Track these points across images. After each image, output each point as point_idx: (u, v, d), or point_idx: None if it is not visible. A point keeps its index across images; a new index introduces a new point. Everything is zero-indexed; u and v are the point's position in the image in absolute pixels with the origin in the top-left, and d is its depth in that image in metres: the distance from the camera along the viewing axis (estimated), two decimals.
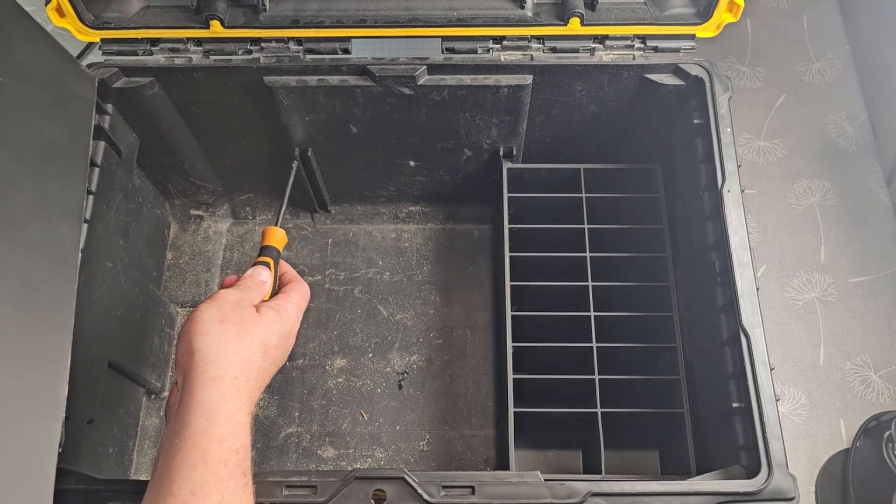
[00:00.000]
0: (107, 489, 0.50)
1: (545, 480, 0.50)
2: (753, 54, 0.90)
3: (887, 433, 0.65)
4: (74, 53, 0.88)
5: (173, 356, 0.72)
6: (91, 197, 0.61)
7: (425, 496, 0.49)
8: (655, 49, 0.63)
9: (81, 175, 0.50)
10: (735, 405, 0.54)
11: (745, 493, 0.49)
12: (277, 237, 0.57)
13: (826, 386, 0.74)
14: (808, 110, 0.87)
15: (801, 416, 0.73)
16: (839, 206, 0.82)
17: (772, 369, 0.52)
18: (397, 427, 0.71)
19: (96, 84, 0.56)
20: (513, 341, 0.65)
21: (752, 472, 0.50)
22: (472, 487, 0.49)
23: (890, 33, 0.83)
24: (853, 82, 0.89)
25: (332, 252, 0.79)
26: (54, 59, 0.52)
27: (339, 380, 0.73)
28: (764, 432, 0.50)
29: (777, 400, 0.52)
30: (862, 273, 0.79)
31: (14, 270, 0.40)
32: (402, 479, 0.49)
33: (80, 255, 0.46)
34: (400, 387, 0.73)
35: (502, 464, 0.65)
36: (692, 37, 0.63)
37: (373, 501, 0.49)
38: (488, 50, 0.63)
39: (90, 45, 0.67)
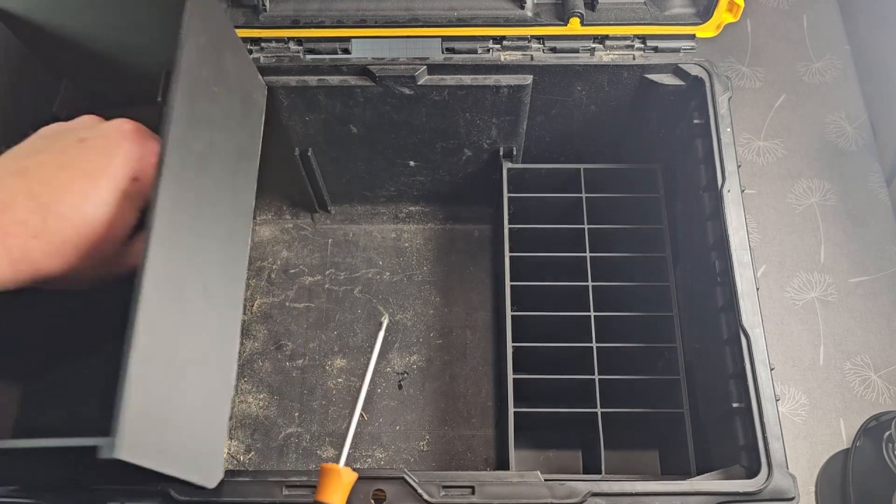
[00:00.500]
0: (105, 489, 0.50)
1: (545, 480, 0.50)
2: (753, 54, 0.90)
3: (887, 433, 0.65)
4: None
5: None
6: None
7: (425, 496, 0.49)
8: (655, 49, 0.63)
9: (254, 178, 0.54)
10: (735, 405, 0.54)
11: (744, 493, 0.49)
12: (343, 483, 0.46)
13: (826, 386, 0.74)
14: (807, 110, 0.87)
15: (801, 417, 0.73)
16: (839, 206, 0.82)
17: (772, 369, 0.53)
18: (397, 427, 0.71)
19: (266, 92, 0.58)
20: (513, 341, 0.65)
21: (752, 473, 0.50)
22: (472, 487, 0.49)
23: (890, 33, 0.83)
24: (853, 82, 0.89)
25: (331, 252, 0.79)
26: (246, 69, 0.55)
27: (339, 380, 0.73)
28: (764, 432, 0.50)
29: (777, 400, 0.52)
30: (862, 273, 0.79)
31: (218, 260, 0.47)
32: (402, 478, 0.49)
33: (248, 250, 0.52)
34: (400, 387, 0.73)
35: (502, 464, 0.65)
36: (692, 37, 0.63)
37: (373, 501, 0.49)
38: (488, 50, 0.63)
39: None
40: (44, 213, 0.41)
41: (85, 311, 0.50)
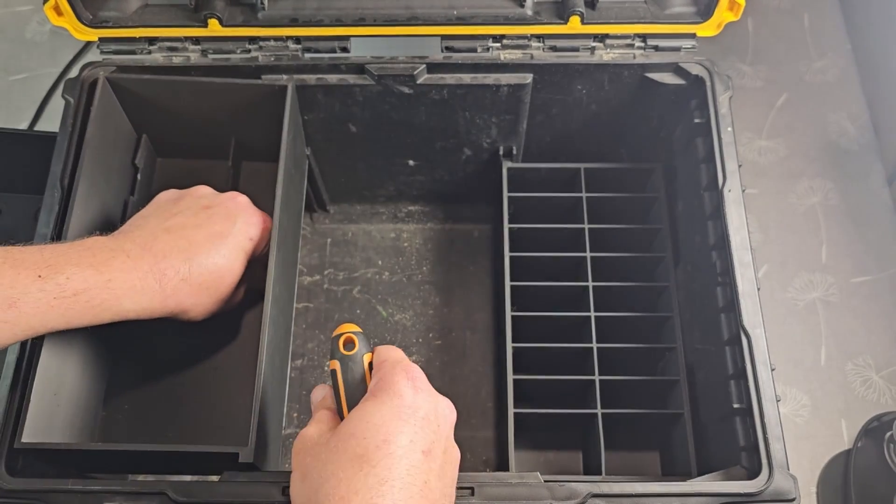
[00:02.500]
0: (104, 489, 0.50)
1: (545, 481, 0.50)
2: (755, 53, 0.90)
3: (889, 434, 0.65)
4: (72, 53, 0.89)
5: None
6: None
7: None
8: (656, 48, 0.63)
9: (299, 220, 0.71)
10: (736, 406, 0.53)
11: (745, 494, 0.48)
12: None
13: (827, 386, 0.74)
14: (809, 109, 0.87)
15: (803, 417, 0.72)
16: (841, 206, 0.82)
17: (772, 370, 0.52)
18: None
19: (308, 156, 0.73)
20: (513, 342, 0.64)
21: (752, 473, 0.50)
22: (472, 488, 0.49)
23: (892, 32, 0.83)
24: (855, 81, 0.88)
25: (330, 252, 0.79)
26: (301, 145, 0.69)
27: None
28: (765, 433, 0.50)
29: (778, 400, 0.51)
30: (864, 273, 0.79)
31: (288, 286, 0.65)
32: None
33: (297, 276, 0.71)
34: None
35: (502, 465, 0.65)
36: (693, 36, 0.63)
37: None
38: (488, 49, 0.63)
39: (88, 44, 0.67)
40: (189, 262, 0.53)
41: (203, 334, 0.61)
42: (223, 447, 0.51)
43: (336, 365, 0.48)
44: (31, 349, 0.53)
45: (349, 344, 0.49)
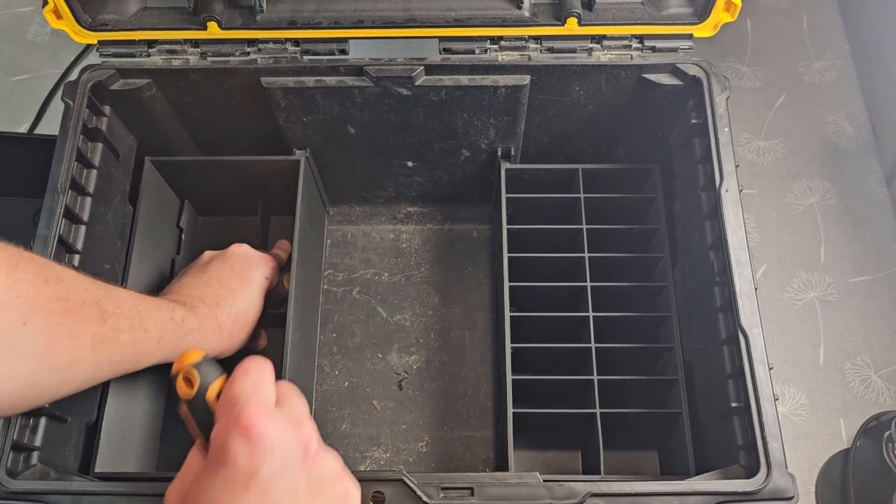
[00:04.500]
0: (106, 491, 0.51)
1: (544, 481, 0.50)
2: (753, 54, 0.90)
3: (887, 433, 0.65)
4: (74, 54, 0.90)
5: None
6: (89, 199, 0.61)
7: (424, 498, 0.49)
8: (653, 49, 0.63)
9: (320, 273, 0.78)
10: (734, 405, 0.54)
11: (743, 493, 0.49)
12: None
13: (826, 386, 0.74)
14: (807, 110, 0.87)
15: (801, 416, 0.73)
16: (839, 206, 0.82)
17: (770, 369, 0.52)
18: (396, 428, 0.71)
19: (330, 216, 0.82)
20: (511, 342, 0.65)
21: (750, 472, 0.50)
22: (472, 489, 0.49)
23: (890, 33, 0.83)
24: (853, 82, 0.89)
25: (329, 253, 0.79)
26: (319, 206, 0.77)
27: (338, 381, 0.73)
28: (763, 432, 0.50)
29: (776, 399, 0.51)
30: (862, 273, 0.79)
31: (311, 330, 0.74)
32: (401, 480, 0.49)
33: (321, 301, 0.77)
34: (399, 387, 0.73)
35: (501, 465, 0.65)
36: (690, 36, 0.63)
37: (372, 503, 0.49)
38: (486, 50, 0.63)
39: (90, 45, 0.68)
40: (234, 306, 0.61)
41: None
42: None
43: (183, 409, 0.43)
44: (102, 388, 0.61)
45: (188, 382, 0.43)
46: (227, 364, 0.59)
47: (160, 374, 0.62)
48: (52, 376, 0.48)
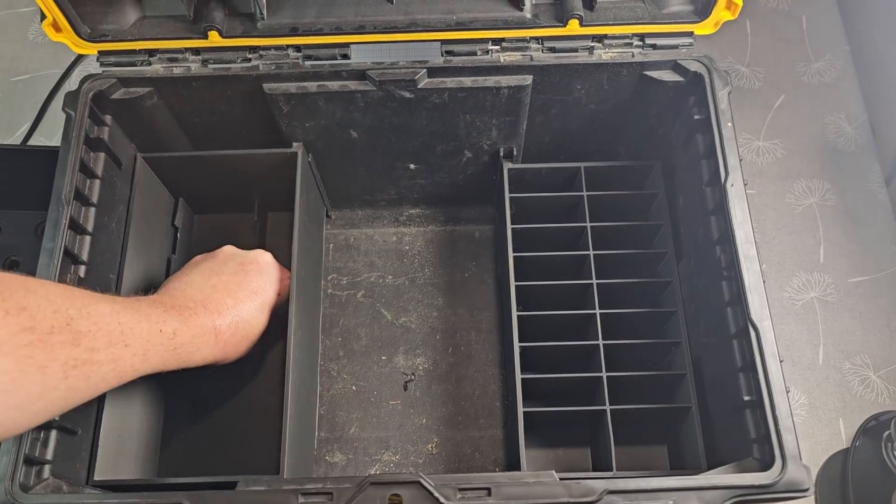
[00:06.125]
0: (119, 502, 0.50)
1: (560, 479, 0.50)
2: (753, 55, 0.90)
3: (886, 433, 0.65)
4: (72, 56, 0.90)
5: None
6: (93, 209, 0.61)
7: (442, 499, 0.49)
8: (654, 46, 0.63)
9: (320, 269, 0.77)
10: (746, 398, 0.54)
11: (760, 486, 0.49)
12: None
13: (825, 386, 0.74)
14: (807, 110, 0.88)
15: (801, 416, 0.73)
16: (838, 206, 0.82)
17: (781, 361, 0.53)
18: (405, 430, 0.71)
19: (326, 219, 0.81)
20: (519, 341, 0.65)
21: (765, 465, 0.50)
22: (489, 489, 0.49)
23: (889, 33, 0.83)
24: (852, 82, 0.89)
25: (333, 257, 0.79)
26: (317, 200, 0.76)
27: (345, 385, 0.73)
28: (776, 424, 0.50)
29: (788, 392, 0.52)
30: (861, 273, 0.79)
31: (311, 336, 0.72)
32: (418, 482, 0.49)
33: (322, 308, 0.77)
34: (406, 389, 0.73)
35: (512, 464, 0.65)
36: (690, 34, 0.63)
37: None
38: (488, 51, 0.63)
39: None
40: (236, 317, 0.60)
41: (238, 374, 0.71)
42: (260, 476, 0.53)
43: None
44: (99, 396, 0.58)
45: None
46: (225, 369, 0.63)
47: (158, 380, 0.63)
48: (19, 413, 0.45)
